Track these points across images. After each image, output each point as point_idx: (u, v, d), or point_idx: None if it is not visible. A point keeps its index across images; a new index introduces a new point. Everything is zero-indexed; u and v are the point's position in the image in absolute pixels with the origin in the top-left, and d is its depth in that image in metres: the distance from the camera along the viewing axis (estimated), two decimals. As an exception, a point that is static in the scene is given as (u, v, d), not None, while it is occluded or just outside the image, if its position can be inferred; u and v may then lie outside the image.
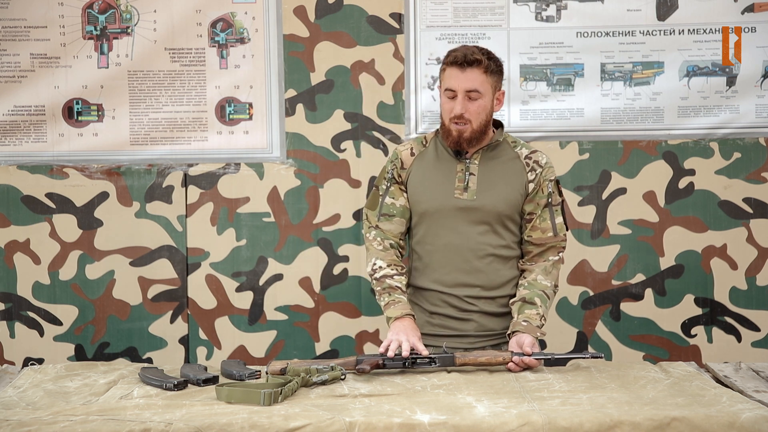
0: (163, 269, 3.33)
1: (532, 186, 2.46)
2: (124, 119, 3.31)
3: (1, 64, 3.29)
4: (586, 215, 3.34)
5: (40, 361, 2.93)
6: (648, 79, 3.30)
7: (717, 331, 3.33)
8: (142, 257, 3.33)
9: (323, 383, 2.13)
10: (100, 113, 3.31)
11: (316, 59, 3.31)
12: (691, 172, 3.32)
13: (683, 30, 3.29)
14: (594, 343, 3.34)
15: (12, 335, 3.33)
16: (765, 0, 3.28)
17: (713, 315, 3.33)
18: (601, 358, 2.28)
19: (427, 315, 2.48)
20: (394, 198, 2.50)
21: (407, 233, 2.56)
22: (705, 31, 3.29)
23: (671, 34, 3.29)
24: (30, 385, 2.17)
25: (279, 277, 3.35)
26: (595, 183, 3.33)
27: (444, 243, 2.45)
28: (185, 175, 3.33)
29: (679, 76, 3.30)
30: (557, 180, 2.52)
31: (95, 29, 3.29)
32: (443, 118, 2.43)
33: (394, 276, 2.44)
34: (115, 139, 3.31)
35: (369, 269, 2.50)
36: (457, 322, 2.46)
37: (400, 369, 2.25)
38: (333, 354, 3.33)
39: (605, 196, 3.33)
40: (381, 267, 2.45)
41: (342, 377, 2.17)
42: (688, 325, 3.34)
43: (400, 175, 2.50)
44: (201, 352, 3.34)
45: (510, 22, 3.31)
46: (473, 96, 2.37)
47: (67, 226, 3.32)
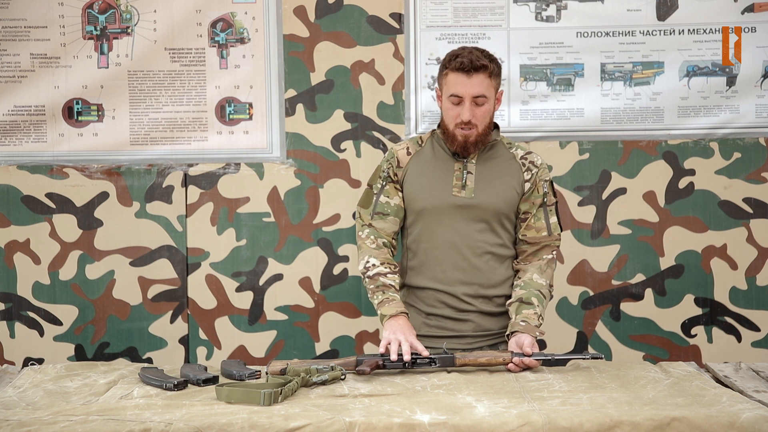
0: (163, 269, 3.33)
1: (528, 186, 2.47)
2: (124, 119, 3.31)
3: (1, 64, 3.29)
4: (586, 215, 3.34)
5: (40, 361, 2.92)
6: (648, 79, 3.30)
7: (717, 331, 3.33)
8: (142, 257, 3.33)
9: (323, 383, 2.13)
10: (100, 113, 3.31)
11: (316, 59, 3.31)
12: (691, 172, 3.32)
13: (683, 30, 3.29)
14: (594, 343, 3.34)
15: (12, 335, 3.33)
16: (765, 0, 3.28)
17: (713, 315, 3.33)
18: (601, 358, 2.29)
19: (424, 316, 2.48)
20: (388, 197, 2.50)
21: (400, 233, 2.56)
22: (705, 31, 3.29)
23: (671, 34, 3.29)
24: (30, 385, 2.17)
25: (279, 277, 3.35)
26: (595, 183, 3.33)
27: (442, 241, 2.45)
28: (185, 175, 3.33)
29: (679, 76, 3.30)
30: (552, 180, 2.53)
31: (95, 29, 3.29)
32: (447, 123, 2.42)
33: (387, 274, 2.44)
34: (115, 139, 3.31)
35: (361, 267, 2.49)
36: (455, 322, 2.46)
37: (400, 369, 2.25)
38: (333, 354, 3.33)
39: (605, 196, 3.33)
40: (374, 265, 2.45)
41: (342, 377, 2.17)
42: (688, 325, 3.34)
43: (396, 174, 2.50)
44: (201, 352, 3.34)
45: (510, 22, 3.31)
46: (479, 101, 2.37)
47: (67, 226, 3.32)
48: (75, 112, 3.31)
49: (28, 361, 2.95)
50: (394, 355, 2.22)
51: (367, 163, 3.29)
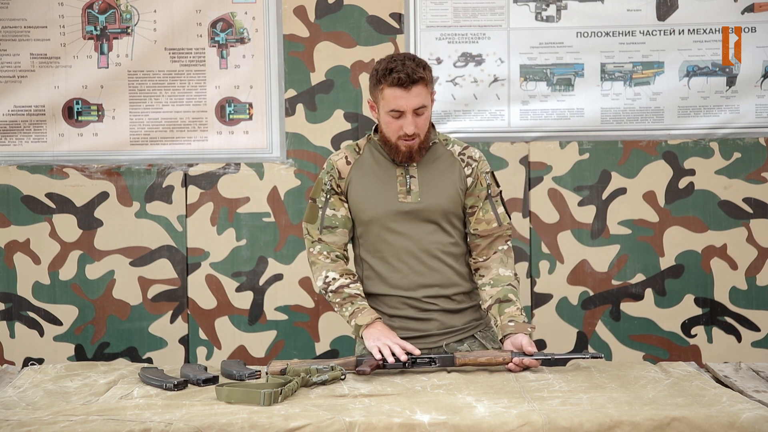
0: (163, 269, 3.33)
1: (470, 180, 2.47)
2: (124, 119, 3.31)
3: (1, 64, 3.29)
4: (586, 215, 3.34)
5: (40, 361, 2.92)
6: (648, 79, 3.31)
7: (717, 331, 3.33)
8: (142, 257, 3.33)
9: (323, 383, 2.13)
10: (100, 113, 3.32)
11: (316, 59, 3.31)
12: (691, 172, 3.32)
13: (683, 30, 3.29)
14: (594, 343, 3.34)
15: (12, 335, 3.33)
16: (765, 0, 3.28)
17: (713, 315, 3.33)
18: (601, 358, 2.28)
19: (387, 318, 2.46)
20: (334, 209, 2.47)
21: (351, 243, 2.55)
22: (705, 31, 3.29)
23: (671, 34, 3.29)
24: (30, 385, 2.17)
25: (279, 277, 3.35)
26: (595, 183, 3.33)
27: (396, 248, 2.43)
28: (185, 175, 3.33)
29: (679, 76, 3.30)
30: (492, 172, 2.52)
31: (95, 29, 3.29)
32: (388, 136, 2.39)
33: (350, 284, 2.42)
34: (115, 139, 3.31)
35: (320, 283, 2.45)
36: (419, 322, 2.45)
37: (400, 369, 2.25)
38: (333, 354, 3.33)
39: (605, 196, 3.33)
40: (335, 278, 2.43)
41: (342, 377, 2.17)
42: (688, 325, 3.34)
43: (339, 186, 2.46)
44: (201, 352, 3.34)
45: (510, 22, 3.31)
46: (420, 111, 2.36)
47: (67, 226, 3.32)
48: (75, 112, 3.31)
49: (28, 361, 2.94)
50: (391, 358, 2.22)
51: (367, 163, 3.29)
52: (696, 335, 3.34)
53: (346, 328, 3.34)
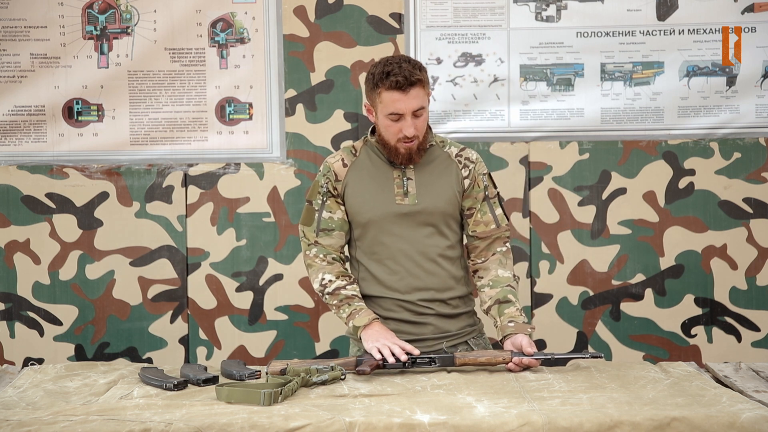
0: (163, 269, 3.33)
1: (467, 182, 2.47)
2: (124, 119, 3.31)
3: (1, 64, 3.29)
4: (586, 215, 3.34)
5: (40, 361, 2.92)
6: (648, 79, 3.31)
7: (717, 331, 3.33)
8: (142, 257, 3.33)
9: (323, 383, 2.13)
10: (100, 113, 3.32)
11: (316, 59, 3.31)
12: (691, 172, 3.32)
13: (683, 30, 3.29)
14: (594, 343, 3.34)
15: (12, 335, 3.33)
16: (765, 0, 3.28)
17: (713, 315, 3.33)
18: (601, 358, 2.28)
19: (382, 321, 2.46)
20: (331, 212, 2.46)
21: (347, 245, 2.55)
22: (705, 31, 3.29)
23: (671, 34, 3.29)
24: (30, 385, 2.17)
25: (279, 277, 3.35)
26: (595, 183, 3.33)
27: (392, 250, 2.43)
28: (185, 175, 3.33)
29: (679, 76, 3.30)
30: (489, 173, 2.52)
31: (95, 29, 3.29)
32: (387, 138, 2.39)
33: (346, 286, 2.42)
34: (115, 139, 3.31)
35: (317, 285, 2.46)
36: (413, 326, 2.44)
37: (400, 369, 2.25)
38: (333, 354, 3.33)
39: (605, 196, 3.33)
40: (331, 281, 2.43)
41: (342, 377, 2.17)
42: (688, 325, 3.34)
43: (335, 188, 2.46)
44: (201, 352, 3.34)
45: (510, 22, 3.31)
46: (418, 113, 2.36)
47: (67, 226, 3.32)
48: (75, 112, 3.31)
49: (28, 361, 2.94)
50: (391, 359, 2.22)
51: (367, 163, 3.29)
52: (696, 335, 3.33)
53: (346, 328, 3.34)
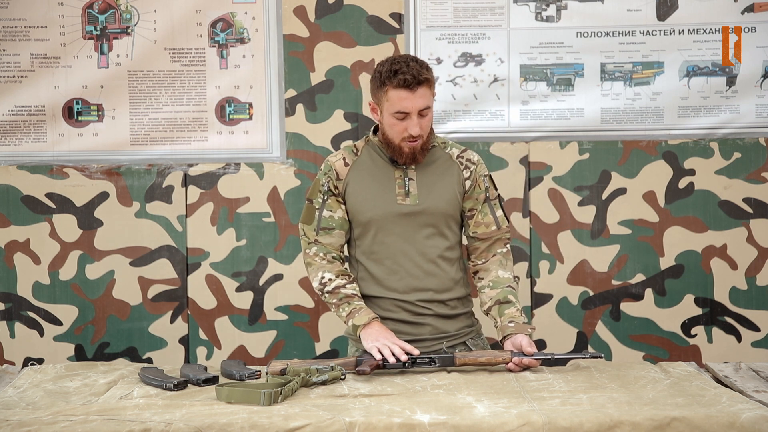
0: (163, 269, 3.33)
1: (468, 183, 2.47)
2: (124, 119, 3.31)
3: (1, 64, 3.29)
4: (586, 215, 3.34)
5: (40, 361, 2.92)
6: (648, 79, 3.30)
7: (717, 331, 3.33)
8: (142, 257, 3.33)
9: (323, 383, 2.13)
10: (100, 113, 3.32)
11: (316, 59, 3.31)
12: (691, 172, 3.32)
13: (683, 30, 3.29)
14: (594, 343, 3.34)
15: (12, 335, 3.33)
16: (765, 0, 3.28)
17: (713, 315, 3.33)
18: (601, 358, 2.29)
19: (381, 320, 2.46)
20: (332, 210, 2.46)
21: (347, 244, 2.54)
22: (705, 31, 3.29)
23: (671, 34, 3.29)
24: (30, 385, 2.17)
25: (279, 277, 3.35)
26: (595, 183, 3.33)
27: (392, 250, 2.43)
28: (185, 175, 3.33)
29: (679, 76, 3.30)
30: (490, 175, 2.52)
31: (95, 29, 3.29)
32: (391, 137, 2.38)
33: (346, 285, 2.42)
34: (115, 139, 3.31)
35: (317, 284, 2.46)
36: (412, 326, 2.44)
37: (400, 369, 2.25)
38: (333, 354, 3.33)
39: (605, 196, 3.33)
40: (331, 279, 2.43)
41: (342, 377, 2.17)
42: (688, 325, 3.34)
43: (336, 187, 2.46)
44: (201, 352, 3.34)
45: (510, 22, 3.31)
46: (424, 113, 2.36)
47: (67, 226, 3.32)
48: (75, 112, 3.31)
49: (28, 361, 2.95)
50: (392, 358, 2.22)
51: (367, 163, 3.29)
52: (696, 335, 3.33)
53: (345, 328, 3.34)
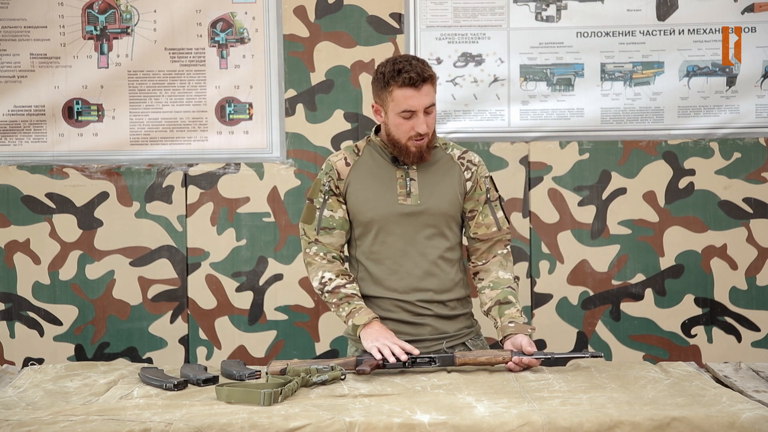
0: (163, 269, 3.33)
1: (469, 184, 2.47)
2: (124, 119, 3.31)
3: (1, 64, 3.29)
4: (586, 215, 3.34)
5: (40, 361, 2.92)
6: (648, 79, 3.30)
7: (717, 331, 3.33)
8: (142, 257, 3.33)
9: (323, 383, 2.13)
10: (100, 113, 3.32)
11: (316, 59, 3.31)
12: (691, 172, 3.32)
13: (683, 30, 3.29)
14: (594, 343, 3.34)
15: (12, 335, 3.33)
16: (765, 0, 3.28)
17: (713, 315, 3.33)
18: (601, 356, 2.29)
19: (381, 320, 2.46)
20: (332, 210, 2.46)
21: (347, 244, 2.54)
22: (705, 31, 3.29)
23: (671, 34, 3.29)
24: (30, 385, 2.17)
25: (279, 277, 3.35)
26: (595, 183, 3.33)
27: (393, 250, 2.43)
28: (185, 175, 3.33)
29: (679, 76, 3.30)
30: (491, 176, 2.53)
31: (95, 29, 3.29)
32: (398, 137, 2.38)
33: (346, 285, 2.42)
34: (115, 139, 3.31)
35: (317, 284, 2.46)
36: (412, 327, 2.45)
37: (400, 369, 2.25)
38: (333, 354, 3.33)
39: (605, 196, 3.33)
40: (331, 279, 2.43)
41: (342, 377, 2.17)
42: (688, 325, 3.34)
43: (337, 187, 2.46)
44: (201, 352, 3.34)
45: (510, 22, 3.31)
46: (429, 110, 2.37)
47: (67, 226, 3.32)
48: (75, 112, 3.31)
49: (28, 361, 2.95)
50: (392, 358, 2.22)
51: (367, 163, 3.29)
52: (696, 335, 3.33)
53: (345, 328, 3.34)
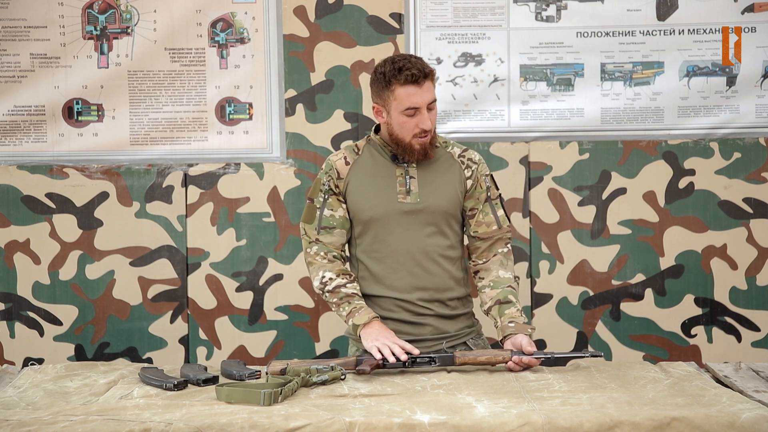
0: (163, 269, 3.33)
1: (470, 183, 2.47)
2: (124, 119, 3.31)
3: (1, 64, 3.29)
4: (586, 215, 3.34)
5: (40, 361, 2.92)
6: (648, 79, 3.31)
7: (717, 331, 3.33)
8: (142, 257, 3.33)
9: (323, 383, 2.13)
10: (100, 113, 3.32)
11: (316, 59, 3.31)
12: (691, 172, 3.32)
13: (683, 30, 3.29)
14: (594, 343, 3.34)
15: (12, 335, 3.33)
16: (765, 0, 3.28)
17: (713, 315, 3.33)
18: (601, 356, 2.29)
19: (381, 320, 2.46)
20: (332, 210, 2.46)
21: (347, 243, 2.54)
22: (705, 31, 3.29)
23: (671, 34, 3.29)
24: (30, 385, 2.17)
25: (279, 277, 3.35)
26: (595, 183, 3.33)
27: (393, 249, 2.43)
28: (185, 175, 3.33)
29: (679, 76, 3.30)
30: (491, 175, 2.53)
31: (95, 29, 3.29)
32: (402, 136, 2.38)
33: (347, 284, 2.42)
34: (115, 139, 3.31)
35: (317, 283, 2.46)
36: (412, 326, 2.44)
37: (400, 369, 2.25)
38: (333, 354, 3.33)
39: (605, 196, 3.33)
40: (331, 278, 2.43)
41: (342, 377, 2.17)
42: (688, 325, 3.34)
43: (337, 186, 2.46)
44: (201, 352, 3.34)
45: (510, 22, 3.31)
46: (431, 106, 2.37)
47: (67, 226, 3.32)
48: (75, 112, 3.31)
49: (28, 361, 2.95)
50: (392, 358, 2.22)
51: (367, 163, 3.29)
52: (696, 335, 3.34)
53: (345, 328, 3.34)
